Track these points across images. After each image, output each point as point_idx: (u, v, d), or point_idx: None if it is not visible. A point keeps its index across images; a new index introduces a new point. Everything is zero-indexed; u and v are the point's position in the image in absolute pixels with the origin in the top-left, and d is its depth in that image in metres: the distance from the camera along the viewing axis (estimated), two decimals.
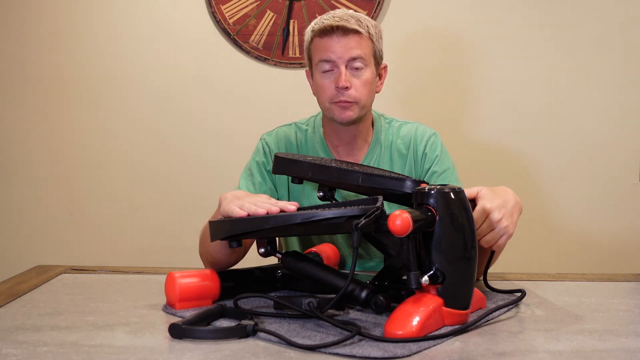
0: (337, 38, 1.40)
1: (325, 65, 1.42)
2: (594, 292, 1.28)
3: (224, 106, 2.41)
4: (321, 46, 1.42)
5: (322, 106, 1.47)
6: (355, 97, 1.41)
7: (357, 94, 1.41)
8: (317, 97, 1.48)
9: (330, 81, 1.42)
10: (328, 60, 1.41)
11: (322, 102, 1.46)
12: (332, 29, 1.39)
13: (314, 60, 1.45)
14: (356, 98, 1.41)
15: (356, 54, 1.40)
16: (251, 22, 2.36)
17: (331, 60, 1.41)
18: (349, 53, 1.39)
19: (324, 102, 1.44)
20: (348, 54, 1.39)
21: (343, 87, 1.40)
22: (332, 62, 1.41)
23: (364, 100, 1.43)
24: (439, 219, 0.99)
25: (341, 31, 1.39)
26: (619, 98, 2.37)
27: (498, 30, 2.37)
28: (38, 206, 2.45)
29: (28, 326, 1.02)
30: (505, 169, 2.40)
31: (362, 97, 1.42)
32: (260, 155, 1.53)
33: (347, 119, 1.43)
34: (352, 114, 1.42)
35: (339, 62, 1.40)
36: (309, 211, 1.02)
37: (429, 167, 1.51)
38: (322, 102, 1.46)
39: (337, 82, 1.40)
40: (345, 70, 1.40)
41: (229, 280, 1.18)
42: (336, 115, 1.43)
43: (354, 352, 0.89)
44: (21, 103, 2.42)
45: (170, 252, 2.39)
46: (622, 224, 2.40)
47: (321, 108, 1.48)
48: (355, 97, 1.41)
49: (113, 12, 2.40)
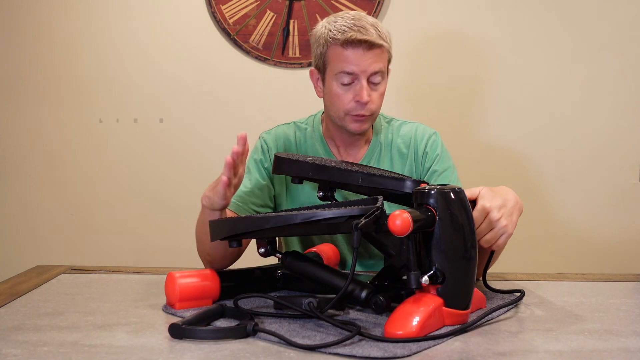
0: (362, 52, 1.37)
1: (345, 78, 1.39)
2: (594, 292, 1.29)
3: (223, 106, 2.41)
4: (343, 57, 1.38)
5: (335, 114, 1.44)
6: (372, 110, 1.41)
7: (374, 107, 1.42)
8: (330, 105, 1.45)
9: (349, 93, 1.40)
10: (350, 73, 1.38)
11: (335, 111, 1.43)
12: (359, 42, 1.36)
13: (332, 68, 1.41)
14: (373, 111, 1.42)
15: (379, 69, 1.39)
16: (251, 22, 2.36)
17: (354, 73, 1.38)
18: (372, 68, 1.38)
19: (339, 111, 1.42)
20: (372, 68, 1.38)
21: (365, 102, 1.39)
22: (354, 74, 1.38)
23: (378, 112, 1.45)
24: (439, 219, 0.99)
25: (367, 45, 1.36)
26: (619, 98, 2.37)
27: (499, 30, 2.38)
28: (38, 206, 2.45)
29: (28, 326, 1.02)
30: (506, 169, 2.40)
31: (377, 109, 1.44)
32: (259, 153, 1.53)
33: (360, 131, 1.44)
34: (367, 126, 1.44)
35: (361, 76, 1.38)
36: (309, 211, 1.02)
37: (430, 167, 1.51)
38: (335, 110, 1.43)
39: (360, 96, 1.38)
40: (367, 84, 1.39)
41: (229, 280, 1.18)
42: (350, 127, 1.43)
43: (354, 352, 0.89)
44: (20, 103, 2.42)
45: (170, 252, 2.39)
46: (622, 224, 2.40)
47: (333, 116, 1.46)
48: (372, 111, 1.42)
49: (113, 12, 2.40)
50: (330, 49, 1.40)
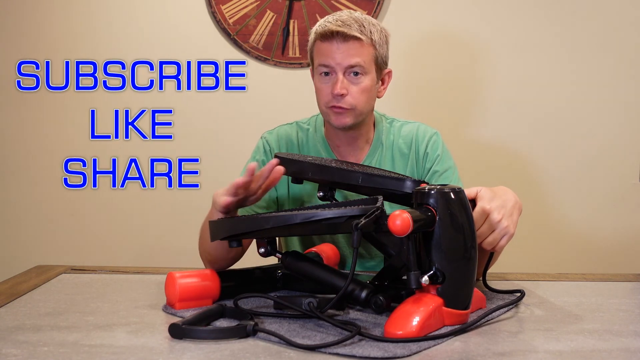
0: (337, 44, 1.38)
1: (323, 70, 1.41)
2: (594, 292, 1.29)
3: (223, 106, 2.41)
4: (321, 50, 1.40)
5: (320, 110, 1.47)
6: (351, 103, 1.40)
7: (353, 100, 1.40)
8: (317, 99, 1.47)
9: (328, 86, 1.41)
10: (326, 65, 1.40)
11: (320, 106, 1.46)
12: (333, 34, 1.37)
13: (315, 63, 1.44)
14: (352, 105, 1.40)
15: (355, 62, 1.38)
16: (251, 22, 2.36)
17: (329, 65, 1.39)
18: (347, 60, 1.38)
19: (321, 105, 1.45)
20: (346, 61, 1.38)
21: (338, 95, 1.38)
22: (330, 67, 1.39)
23: (361, 107, 1.41)
24: (439, 219, 0.99)
25: (341, 37, 1.37)
26: (619, 98, 2.37)
27: (499, 30, 2.38)
28: (38, 206, 2.45)
29: (28, 326, 1.02)
30: (506, 169, 2.40)
31: (358, 104, 1.40)
32: (261, 153, 1.53)
33: (341, 125, 1.42)
34: (348, 120, 1.41)
35: (337, 69, 1.39)
36: (309, 211, 1.02)
37: (431, 167, 1.51)
38: (319, 105, 1.46)
39: (333, 88, 1.39)
40: (343, 77, 1.38)
41: (229, 280, 1.18)
42: (332, 120, 1.43)
43: (354, 352, 0.89)
44: (20, 103, 2.42)
45: (170, 252, 2.39)
46: (622, 224, 2.40)
47: (320, 112, 1.48)
48: (351, 104, 1.40)
49: (112, 12, 2.40)
50: (314, 45, 1.43)
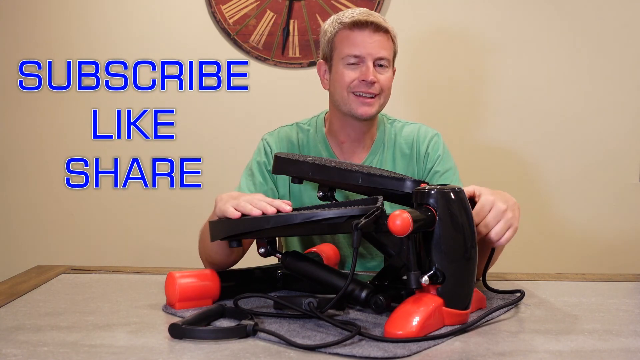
0: (369, 33, 1.41)
1: (351, 59, 1.42)
2: (594, 292, 1.28)
3: (225, 106, 2.41)
4: (352, 39, 1.42)
5: (338, 97, 1.45)
6: (380, 90, 1.42)
7: (382, 88, 1.43)
8: (334, 88, 1.46)
9: (355, 72, 1.42)
10: (357, 55, 1.41)
11: (340, 92, 1.44)
12: (366, 24, 1.40)
13: (339, 52, 1.44)
14: (381, 92, 1.43)
15: (383, 54, 1.42)
16: (251, 22, 2.36)
17: (360, 55, 1.41)
18: (377, 52, 1.41)
19: (343, 91, 1.43)
20: (377, 52, 1.41)
21: (372, 82, 1.40)
22: (360, 56, 1.41)
23: (385, 97, 1.45)
24: (439, 219, 0.99)
25: (373, 27, 1.40)
26: (619, 98, 2.37)
27: (499, 30, 2.38)
28: (40, 206, 2.45)
29: (28, 326, 1.02)
30: (506, 169, 2.40)
31: (385, 92, 1.44)
32: (262, 155, 1.53)
33: (366, 114, 1.43)
34: (373, 110, 1.43)
35: (367, 58, 1.41)
36: (309, 211, 1.02)
37: (431, 167, 1.51)
38: (340, 91, 1.44)
39: (365, 75, 1.40)
40: (373, 66, 1.41)
41: (229, 280, 1.18)
42: (354, 108, 1.43)
43: (354, 352, 0.89)
44: (22, 103, 2.42)
45: (170, 252, 2.39)
46: (622, 224, 2.40)
47: (336, 99, 1.46)
48: (381, 91, 1.43)
49: (114, 12, 2.40)
50: (338, 34, 1.44)
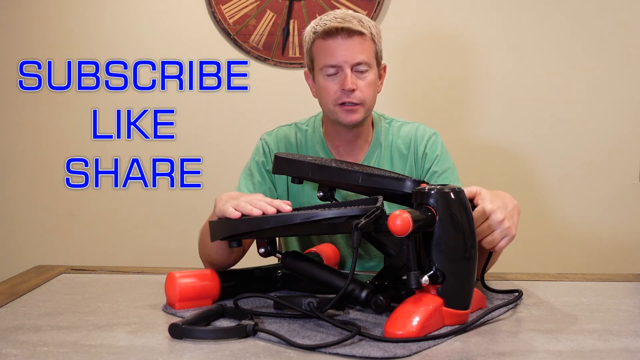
0: (342, 40, 1.38)
1: (329, 70, 1.40)
2: (594, 292, 1.28)
3: (225, 106, 2.41)
4: (325, 49, 1.39)
5: (325, 108, 1.45)
6: (361, 98, 1.40)
7: (362, 95, 1.40)
8: (320, 99, 1.46)
9: (335, 83, 1.40)
10: (333, 65, 1.39)
11: (325, 104, 1.44)
12: (337, 31, 1.37)
13: (317, 63, 1.43)
14: (362, 99, 1.40)
15: (361, 59, 1.38)
16: (251, 22, 2.36)
17: (336, 64, 1.39)
18: (353, 57, 1.38)
19: (328, 104, 1.43)
20: (353, 57, 1.38)
21: (349, 90, 1.38)
22: (336, 65, 1.39)
23: (369, 102, 1.42)
24: (439, 219, 0.99)
25: (345, 33, 1.37)
26: (618, 98, 2.37)
27: (499, 31, 2.38)
28: (40, 206, 2.45)
29: (28, 326, 1.02)
30: (506, 169, 2.40)
31: (367, 98, 1.41)
32: (260, 155, 1.53)
33: (352, 122, 1.42)
34: (358, 116, 1.41)
35: (344, 66, 1.38)
36: (309, 211, 1.02)
37: (430, 167, 1.51)
38: (325, 104, 1.44)
39: (343, 84, 1.38)
40: (351, 72, 1.39)
41: (229, 280, 1.18)
42: (341, 118, 1.42)
43: (354, 352, 0.89)
44: (22, 103, 2.42)
45: (170, 252, 2.39)
46: (622, 224, 2.40)
47: (324, 110, 1.47)
48: (361, 99, 1.40)
49: (114, 12, 2.40)
50: (314, 45, 1.42)
